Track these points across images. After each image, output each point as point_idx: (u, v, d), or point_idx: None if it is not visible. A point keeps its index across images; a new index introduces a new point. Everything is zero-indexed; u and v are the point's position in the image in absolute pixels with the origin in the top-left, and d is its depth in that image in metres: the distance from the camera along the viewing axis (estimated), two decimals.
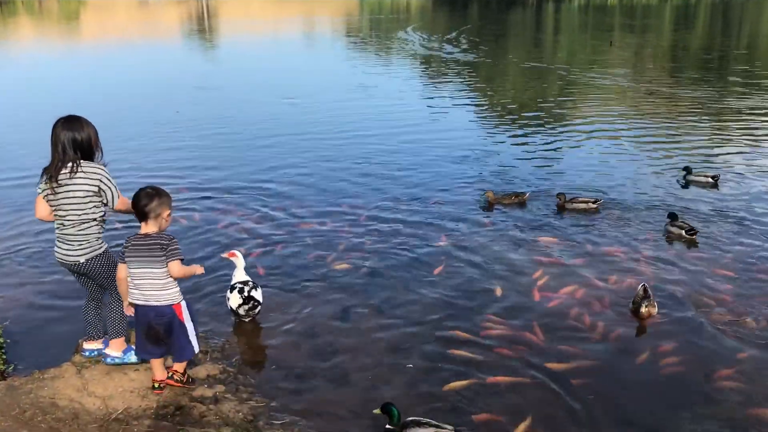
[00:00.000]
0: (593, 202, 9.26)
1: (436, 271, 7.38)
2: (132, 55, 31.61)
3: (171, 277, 4.73)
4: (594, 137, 13.82)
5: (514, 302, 6.68)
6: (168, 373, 5.05)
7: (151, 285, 4.71)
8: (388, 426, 4.63)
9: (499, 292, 6.86)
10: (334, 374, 5.44)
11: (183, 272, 4.76)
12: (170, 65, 27.63)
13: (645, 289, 6.33)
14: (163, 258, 4.66)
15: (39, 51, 34.37)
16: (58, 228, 4.85)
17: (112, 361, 5.21)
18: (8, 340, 5.74)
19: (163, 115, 16.66)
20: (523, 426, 4.80)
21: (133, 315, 4.90)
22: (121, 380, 5.12)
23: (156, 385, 5.05)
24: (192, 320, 4.96)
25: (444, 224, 8.87)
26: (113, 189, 4.85)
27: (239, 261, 6.10)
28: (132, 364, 5.27)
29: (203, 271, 5.10)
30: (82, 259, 4.83)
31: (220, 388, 5.14)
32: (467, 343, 5.90)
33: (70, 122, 4.76)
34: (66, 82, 23.01)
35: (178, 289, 4.84)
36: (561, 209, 9.31)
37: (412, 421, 4.60)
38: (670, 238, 8.27)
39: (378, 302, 6.68)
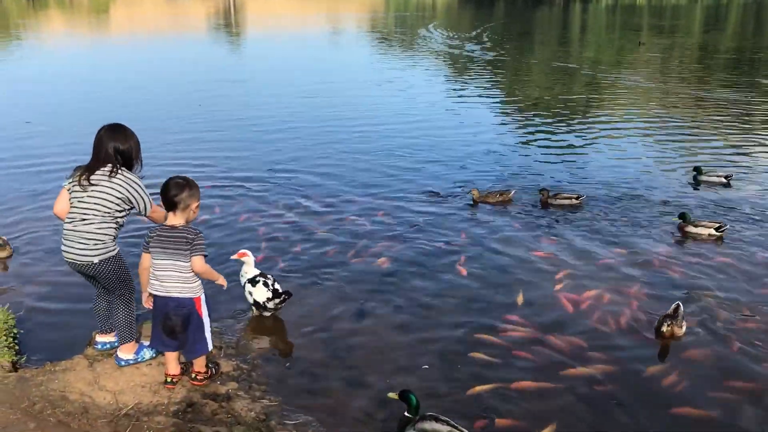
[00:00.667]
0: (576, 198, 9.24)
1: (457, 269, 7.23)
2: (159, 49, 31.78)
3: (193, 271, 4.66)
4: (618, 137, 13.57)
5: (537, 304, 6.50)
6: (191, 374, 4.97)
7: (174, 277, 4.65)
8: (405, 414, 4.46)
9: (520, 293, 6.67)
10: (349, 374, 5.31)
11: (205, 270, 4.69)
12: (196, 58, 27.68)
13: (675, 308, 5.93)
14: (188, 252, 4.59)
15: (68, 44, 34.71)
16: (72, 224, 4.73)
17: (126, 364, 5.11)
18: (22, 331, 5.68)
19: (186, 107, 16.65)
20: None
21: (150, 307, 4.84)
22: (133, 375, 5.03)
23: (168, 379, 4.97)
24: (209, 316, 4.88)
25: (465, 221, 8.71)
26: (146, 199, 4.82)
27: (250, 259, 5.97)
28: (147, 361, 5.18)
29: (225, 285, 5.06)
30: (95, 260, 4.74)
31: (233, 385, 5.03)
32: (488, 345, 5.74)
33: (114, 131, 4.79)
34: (93, 74, 23.11)
35: (200, 282, 4.76)
36: (544, 205, 9.30)
37: (430, 415, 4.42)
38: (691, 237, 8.10)
39: (397, 300, 6.54)
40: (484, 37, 35.19)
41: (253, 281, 5.90)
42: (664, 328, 5.80)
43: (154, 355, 5.21)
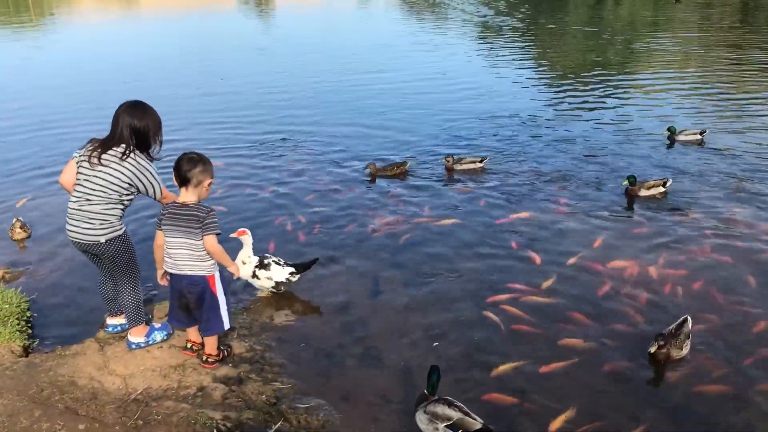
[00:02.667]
0: (480, 161, 9.23)
1: (478, 247, 6.97)
2: (187, 24, 31.63)
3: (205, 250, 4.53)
4: (646, 105, 12.98)
5: (563, 281, 6.23)
6: (202, 357, 4.86)
7: (186, 255, 4.53)
8: (424, 391, 4.28)
9: (538, 262, 6.42)
10: (365, 354, 5.13)
11: (216, 251, 4.54)
12: (225, 32, 27.52)
13: (679, 324, 5.10)
14: (200, 230, 4.44)
15: (98, 20, 34.78)
16: (77, 203, 4.59)
17: (137, 347, 5.01)
18: (35, 314, 5.63)
19: (210, 81, 16.52)
20: (564, 416, 4.42)
21: (165, 285, 4.76)
22: (144, 358, 4.92)
23: (189, 345, 4.97)
24: (225, 294, 4.74)
25: (491, 195, 8.43)
26: (155, 185, 4.64)
27: (249, 239, 5.72)
28: (158, 343, 5.08)
29: (236, 275, 4.94)
30: (102, 239, 4.60)
31: (245, 367, 4.89)
32: (509, 324, 5.51)
33: (132, 108, 4.59)
34: (122, 49, 23.10)
35: (214, 261, 4.62)
36: (450, 171, 9.17)
37: (444, 399, 4.23)
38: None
39: (416, 278, 6.31)
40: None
41: (263, 266, 5.71)
42: (652, 349, 4.91)
43: (165, 337, 5.11)
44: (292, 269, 5.80)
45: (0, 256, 6.87)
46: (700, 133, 10.37)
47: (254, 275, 5.70)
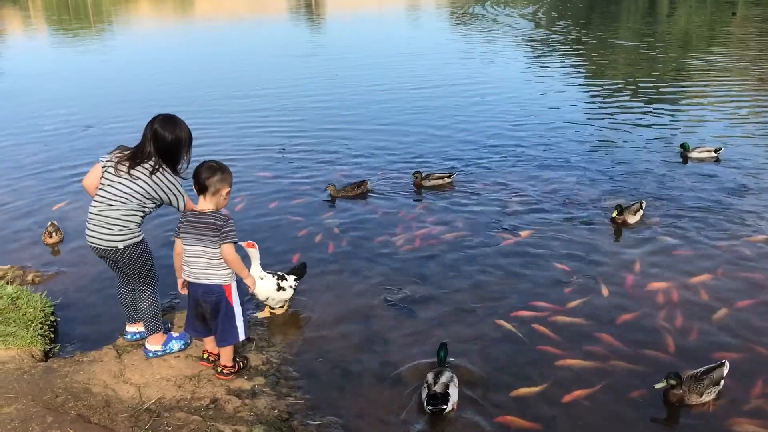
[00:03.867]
0: (448, 177, 9.06)
1: (502, 261, 6.77)
2: (241, 32, 32.09)
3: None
4: (697, 125, 12.44)
5: (593, 299, 6.00)
6: (217, 368, 4.81)
7: (202, 264, 4.49)
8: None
9: (574, 283, 6.21)
10: (383, 371, 5.00)
11: (233, 260, 4.49)
12: (276, 40, 27.83)
13: (711, 368, 4.66)
14: (217, 239, 4.41)
15: (154, 28, 35.60)
16: (98, 208, 4.60)
17: (154, 355, 5.00)
18: (59, 319, 5.67)
19: (251, 87, 16.65)
20: None
21: (186, 293, 4.72)
22: (160, 367, 4.90)
23: (205, 356, 4.93)
24: (241, 305, 4.68)
25: (528, 212, 8.23)
26: (180, 198, 4.67)
27: (255, 253, 5.48)
28: (175, 353, 5.05)
29: (252, 289, 4.90)
30: (121, 245, 4.60)
31: (259, 380, 4.82)
32: (533, 344, 5.32)
33: (164, 122, 4.59)
34: (174, 55, 23.58)
35: (231, 270, 4.57)
36: (418, 187, 8.97)
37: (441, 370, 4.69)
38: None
39: (439, 292, 6.16)
40: (558, 15, 33.80)
41: (281, 277, 5.62)
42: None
43: (182, 347, 5.08)
44: (294, 276, 5.74)
45: (32, 259, 7.00)
46: (715, 150, 9.89)
47: (280, 288, 5.56)
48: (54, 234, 7.28)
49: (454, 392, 4.53)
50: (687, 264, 6.58)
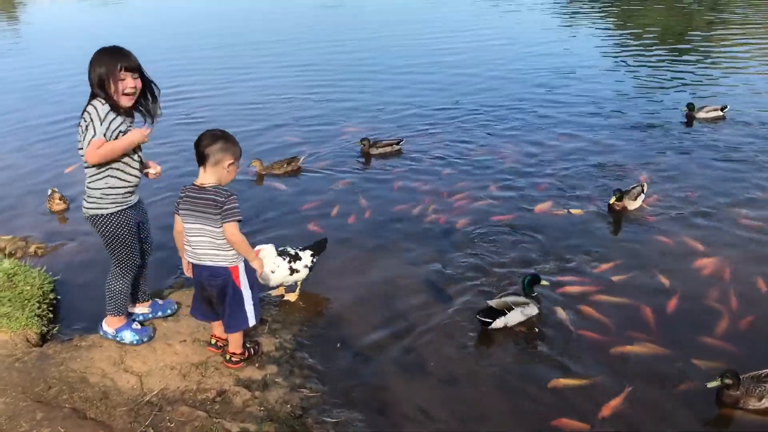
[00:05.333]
0: (396, 143, 8.61)
1: (543, 238, 6.22)
2: None
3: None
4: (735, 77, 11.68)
5: (638, 277, 5.46)
6: (226, 356, 4.39)
7: (205, 243, 4.02)
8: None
9: (616, 265, 5.66)
10: (407, 360, 4.54)
11: (237, 241, 3.98)
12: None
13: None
14: (219, 217, 3.92)
15: None
16: None
17: (105, 336, 4.57)
18: (58, 297, 5.27)
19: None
20: None
21: (191, 276, 4.25)
22: (164, 353, 4.48)
23: (213, 341, 4.52)
24: (251, 287, 4.21)
25: (565, 186, 7.64)
26: (89, 132, 3.88)
27: (268, 251, 4.91)
28: (123, 343, 4.55)
29: (261, 271, 4.32)
30: (86, 213, 4.16)
31: (271, 369, 4.38)
32: (577, 327, 4.82)
33: (95, 53, 4.00)
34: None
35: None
36: (366, 156, 8.45)
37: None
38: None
39: (476, 273, 5.62)
40: None
41: (294, 257, 5.06)
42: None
43: (134, 341, 4.55)
44: (310, 251, 5.19)
45: (36, 228, 6.60)
46: (721, 109, 9.30)
47: (293, 271, 5.04)
48: (60, 201, 6.87)
49: (513, 315, 4.71)
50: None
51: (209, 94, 12.01)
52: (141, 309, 4.80)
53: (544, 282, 5.01)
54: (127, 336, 4.55)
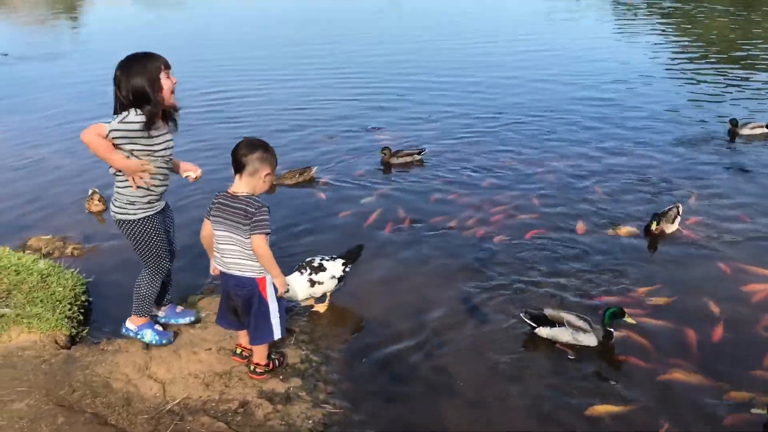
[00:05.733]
0: (418, 153, 8.45)
1: (585, 254, 6.02)
2: None
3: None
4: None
5: (681, 299, 5.21)
6: (250, 366, 4.32)
7: (233, 252, 3.97)
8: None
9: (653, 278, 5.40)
10: (436, 380, 4.38)
11: (264, 254, 3.90)
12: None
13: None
14: (247, 227, 3.85)
15: None
16: None
17: (126, 332, 4.60)
18: (90, 299, 5.28)
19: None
20: None
21: (217, 274, 4.23)
22: (189, 361, 4.43)
23: (238, 350, 4.44)
24: (278, 300, 4.13)
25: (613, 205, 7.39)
26: (112, 122, 3.84)
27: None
28: (145, 341, 4.57)
29: (282, 291, 4.14)
30: (114, 217, 4.17)
31: (295, 382, 4.28)
32: (618, 351, 4.60)
33: (124, 64, 3.92)
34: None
35: None
36: (387, 165, 8.33)
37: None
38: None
39: (512, 288, 5.44)
40: None
41: (318, 269, 4.91)
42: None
43: (154, 341, 4.55)
44: (342, 261, 5.04)
45: (74, 229, 6.65)
46: (767, 126, 8.86)
47: (314, 284, 4.87)
48: (99, 202, 6.92)
49: (560, 332, 4.60)
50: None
51: (250, 96, 12.09)
52: (158, 312, 4.76)
53: (628, 319, 4.63)
54: (148, 335, 4.55)
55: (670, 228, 6.19)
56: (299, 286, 4.80)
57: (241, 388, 4.20)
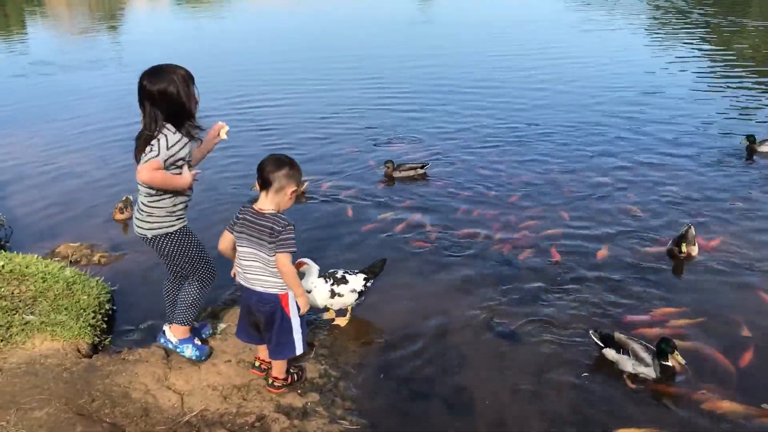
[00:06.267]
0: (421, 167, 8.34)
1: (611, 271, 5.90)
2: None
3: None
4: None
5: (710, 325, 5.07)
6: (268, 380, 4.30)
7: (257, 268, 3.96)
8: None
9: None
10: (454, 398, 4.31)
11: (289, 272, 3.90)
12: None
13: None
14: (272, 245, 3.84)
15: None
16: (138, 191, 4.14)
17: (165, 343, 4.57)
18: (114, 307, 5.32)
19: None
20: None
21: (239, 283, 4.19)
22: (208, 373, 4.43)
23: (257, 363, 4.42)
24: (300, 316, 4.11)
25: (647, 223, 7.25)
26: (152, 153, 3.78)
27: (311, 268, 4.76)
28: (183, 356, 4.54)
29: (304, 311, 4.10)
30: (149, 234, 4.11)
31: (313, 397, 4.26)
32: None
33: (150, 75, 3.87)
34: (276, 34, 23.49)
35: None
36: (389, 178, 8.24)
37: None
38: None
39: (537, 305, 5.36)
40: None
41: (341, 280, 4.88)
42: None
43: (194, 357, 4.53)
44: (364, 275, 5.01)
45: (104, 235, 6.74)
46: None
47: (334, 294, 4.85)
48: (125, 209, 7.00)
49: (622, 359, 4.48)
50: None
51: (279, 104, 12.18)
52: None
53: (677, 357, 4.36)
54: (188, 351, 4.54)
55: (695, 250, 6.01)
56: (320, 292, 4.79)
57: (259, 401, 4.19)
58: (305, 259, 4.74)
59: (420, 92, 12.88)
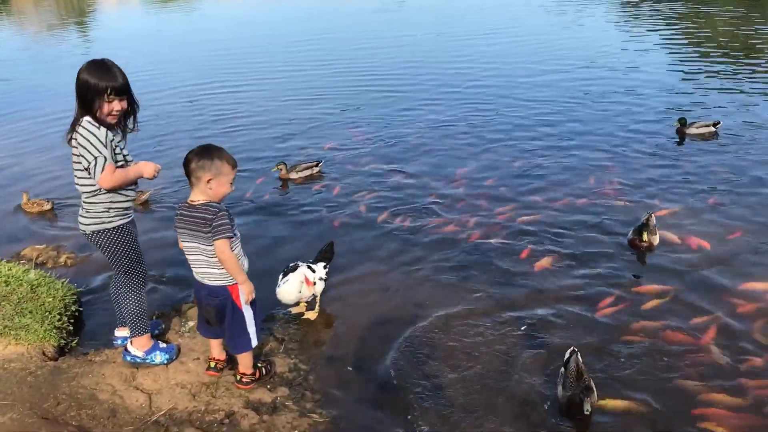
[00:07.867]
0: (316, 165, 8.16)
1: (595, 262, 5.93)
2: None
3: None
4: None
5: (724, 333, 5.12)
6: (236, 376, 4.27)
7: (202, 263, 3.92)
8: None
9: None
10: (427, 388, 4.29)
11: (227, 258, 3.83)
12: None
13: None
14: (209, 234, 3.80)
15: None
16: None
17: (133, 361, 4.43)
18: (81, 309, 5.25)
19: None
20: None
21: None
22: (176, 371, 4.39)
23: (212, 364, 4.37)
24: (253, 307, 4.09)
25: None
26: (91, 158, 3.78)
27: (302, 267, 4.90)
28: (155, 365, 4.43)
29: (248, 299, 4.02)
30: (87, 230, 4.06)
31: (283, 391, 4.24)
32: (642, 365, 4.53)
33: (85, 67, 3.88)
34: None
35: None
36: (285, 181, 7.98)
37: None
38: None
39: (511, 296, 5.35)
40: None
41: (311, 270, 4.93)
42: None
43: (165, 361, 4.45)
44: (322, 263, 5.06)
45: (69, 239, 6.63)
46: (714, 125, 8.86)
47: (315, 282, 4.94)
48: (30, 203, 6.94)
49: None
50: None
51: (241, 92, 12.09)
52: (125, 332, 4.61)
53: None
54: (158, 358, 4.45)
55: (656, 239, 5.98)
56: (289, 289, 4.78)
57: (228, 398, 4.16)
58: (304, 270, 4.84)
59: (390, 80, 12.85)
